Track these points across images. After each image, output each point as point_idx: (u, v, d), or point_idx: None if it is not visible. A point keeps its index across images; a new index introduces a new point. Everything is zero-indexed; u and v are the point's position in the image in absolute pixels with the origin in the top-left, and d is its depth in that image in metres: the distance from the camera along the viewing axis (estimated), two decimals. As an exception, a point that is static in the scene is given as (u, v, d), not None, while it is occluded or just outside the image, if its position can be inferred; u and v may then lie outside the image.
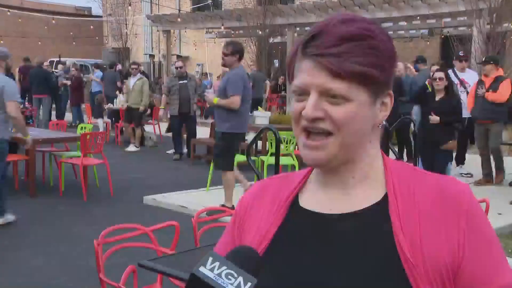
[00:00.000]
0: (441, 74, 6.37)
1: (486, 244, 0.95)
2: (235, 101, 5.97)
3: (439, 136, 6.28)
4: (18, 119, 5.73)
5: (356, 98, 0.96)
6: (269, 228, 1.04)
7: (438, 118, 6.23)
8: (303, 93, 0.98)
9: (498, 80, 7.43)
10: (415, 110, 8.23)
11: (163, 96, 10.43)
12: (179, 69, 10.03)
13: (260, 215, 1.08)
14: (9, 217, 5.97)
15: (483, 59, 7.81)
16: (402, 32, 18.66)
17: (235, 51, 6.03)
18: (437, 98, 6.39)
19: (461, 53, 8.54)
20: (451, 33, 15.89)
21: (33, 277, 4.51)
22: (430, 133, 6.34)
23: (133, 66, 11.73)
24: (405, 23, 17.36)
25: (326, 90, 0.95)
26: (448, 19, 16.38)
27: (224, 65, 6.37)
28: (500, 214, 6.04)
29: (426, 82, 7.39)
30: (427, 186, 0.99)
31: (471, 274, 0.94)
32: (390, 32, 19.11)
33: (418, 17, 15.71)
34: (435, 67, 8.07)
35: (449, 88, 6.37)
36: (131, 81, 11.43)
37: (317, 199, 1.04)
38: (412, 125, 7.86)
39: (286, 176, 1.13)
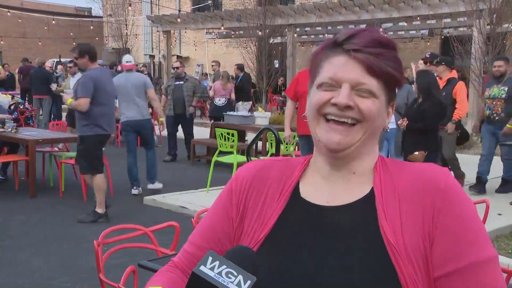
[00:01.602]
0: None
1: (461, 221, 1.00)
2: (81, 103, 5.84)
3: (405, 145, 5.72)
4: (158, 102, 7.99)
5: (380, 97, 1.06)
6: (270, 216, 1.10)
7: (405, 123, 5.70)
8: (332, 85, 1.05)
9: (450, 83, 7.18)
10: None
11: (163, 96, 10.35)
12: (175, 69, 9.92)
13: (262, 199, 1.13)
14: (158, 185, 7.65)
15: (436, 60, 7.48)
16: (402, 32, 18.68)
17: (83, 53, 5.94)
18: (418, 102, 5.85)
19: (427, 55, 8.01)
20: (451, 34, 15.90)
21: (33, 277, 4.51)
22: (403, 140, 5.83)
23: (69, 65, 10.64)
24: (405, 24, 17.38)
25: (359, 84, 1.04)
26: (448, 20, 16.40)
27: (80, 69, 6.43)
28: (500, 214, 6.04)
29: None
30: (408, 174, 1.07)
31: (442, 250, 0.99)
32: (390, 33, 19.12)
33: (418, 18, 15.72)
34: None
35: (420, 92, 5.72)
36: (71, 82, 10.95)
37: (317, 191, 1.11)
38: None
39: (287, 161, 1.19)
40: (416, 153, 5.55)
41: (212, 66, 14.83)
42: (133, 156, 7.55)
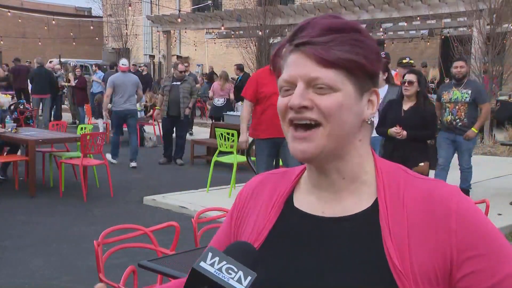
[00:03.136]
0: (411, 77, 5.12)
1: (483, 238, 0.94)
2: None
3: (406, 156, 4.97)
4: (141, 97, 10.56)
5: (343, 88, 0.95)
6: (264, 226, 1.06)
7: (405, 133, 5.03)
8: (290, 88, 0.98)
9: None
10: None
11: (159, 96, 10.07)
12: (182, 73, 9.61)
13: (257, 210, 1.10)
14: (113, 160, 9.54)
15: (407, 61, 7.15)
16: (402, 32, 18.68)
17: None
18: (405, 107, 5.16)
19: (383, 54, 6.98)
20: (451, 34, 15.91)
21: (33, 277, 4.51)
22: (396, 151, 5.08)
23: None
24: (405, 24, 17.38)
25: (313, 79, 0.95)
26: (448, 20, 16.39)
27: None
28: (500, 214, 6.04)
29: None
30: (416, 190, 0.99)
31: (471, 268, 0.93)
32: (390, 33, 19.11)
33: (418, 18, 15.72)
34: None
35: (420, 96, 5.14)
36: None
37: (310, 201, 1.05)
38: None
39: (285, 172, 1.14)
40: (422, 164, 5.05)
41: (186, 67, 14.56)
42: (118, 136, 9.79)
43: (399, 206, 0.97)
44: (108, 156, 9.35)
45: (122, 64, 9.65)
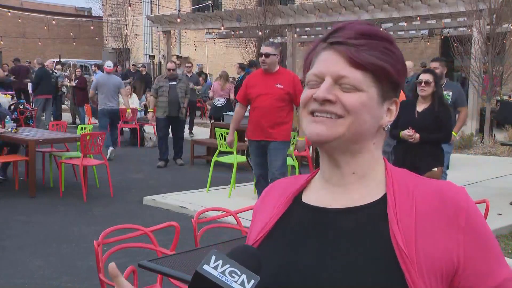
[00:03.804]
0: (428, 77, 4.87)
1: (486, 240, 0.99)
2: None
3: (419, 161, 4.76)
4: (127, 98, 11.31)
5: (367, 90, 1.01)
6: (270, 219, 1.09)
7: (417, 135, 4.78)
8: (318, 82, 1.03)
9: None
10: None
11: (151, 98, 9.73)
12: (171, 71, 9.46)
13: (265, 210, 1.14)
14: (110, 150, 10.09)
15: None
16: (402, 32, 18.68)
17: None
18: (419, 109, 4.91)
19: None
20: (451, 34, 15.90)
21: (33, 277, 4.51)
22: (408, 155, 4.84)
23: None
24: (405, 24, 17.38)
25: (341, 77, 1.00)
26: (448, 20, 16.39)
27: None
28: (500, 214, 6.04)
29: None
30: (426, 189, 1.02)
31: (474, 268, 0.96)
32: (390, 33, 19.10)
33: (418, 18, 15.72)
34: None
35: (435, 96, 4.90)
36: None
37: (319, 195, 1.08)
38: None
39: (296, 177, 1.18)
40: (435, 169, 4.83)
41: (188, 67, 14.55)
42: (106, 130, 10.11)
43: (408, 200, 1.00)
44: (110, 150, 10.08)
45: (107, 66, 10.55)
